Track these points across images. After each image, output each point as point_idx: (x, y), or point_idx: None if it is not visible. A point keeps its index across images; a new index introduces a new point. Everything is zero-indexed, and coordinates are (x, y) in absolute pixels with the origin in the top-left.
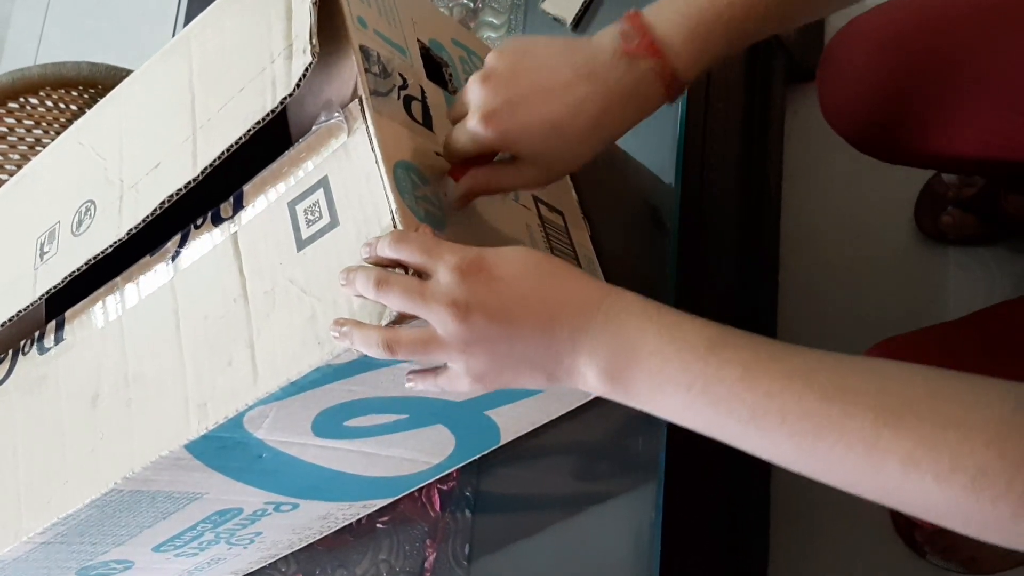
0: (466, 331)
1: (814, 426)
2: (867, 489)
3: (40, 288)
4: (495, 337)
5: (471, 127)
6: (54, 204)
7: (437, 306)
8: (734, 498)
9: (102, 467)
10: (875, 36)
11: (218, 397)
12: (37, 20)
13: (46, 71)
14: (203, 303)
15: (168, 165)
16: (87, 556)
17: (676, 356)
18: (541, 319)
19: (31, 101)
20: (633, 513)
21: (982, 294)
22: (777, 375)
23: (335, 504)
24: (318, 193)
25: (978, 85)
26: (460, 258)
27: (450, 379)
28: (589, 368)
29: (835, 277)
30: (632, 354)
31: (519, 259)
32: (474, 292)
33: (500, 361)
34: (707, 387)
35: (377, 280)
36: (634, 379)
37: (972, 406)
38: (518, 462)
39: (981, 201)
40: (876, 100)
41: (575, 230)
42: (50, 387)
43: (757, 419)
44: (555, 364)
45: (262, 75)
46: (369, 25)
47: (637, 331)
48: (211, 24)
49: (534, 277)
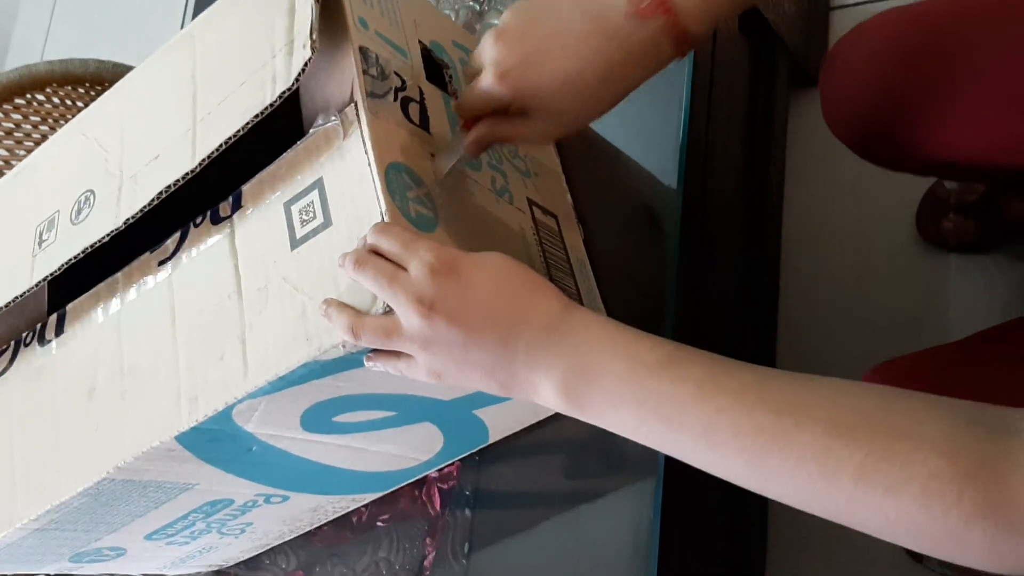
0: (427, 328)
1: (766, 440)
2: (820, 505)
3: (37, 275)
4: (453, 340)
5: (485, 83)
6: (54, 193)
7: (403, 297)
8: (733, 498)
9: (95, 457)
10: (877, 43)
11: (209, 390)
12: (44, 15)
13: (53, 67)
14: (199, 299)
15: (167, 157)
16: (80, 543)
17: (630, 373)
18: (500, 330)
19: (38, 97)
20: (632, 512)
21: (983, 301)
22: (730, 390)
23: (325, 497)
24: (313, 194)
25: (978, 91)
26: (435, 256)
27: (409, 366)
28: (544, 383)
29: (836, 282)
30: (587, 371)
31: (491, 267)
32: (441, 292)
33: (456, 363)
34: (660, 403)
35: (356, 259)
36: (589, 396)
37: (924, 420)
38: (518, 461)
39: (982, 207)
40: (877, 107)
41: (569, 233)
42: (48, 378)
43: (708, 435)
44: (509, 376)
45: (263, 70)
46: (370, 26)
47: (593, 349)
48: (215, 20)
49: (502, 288)
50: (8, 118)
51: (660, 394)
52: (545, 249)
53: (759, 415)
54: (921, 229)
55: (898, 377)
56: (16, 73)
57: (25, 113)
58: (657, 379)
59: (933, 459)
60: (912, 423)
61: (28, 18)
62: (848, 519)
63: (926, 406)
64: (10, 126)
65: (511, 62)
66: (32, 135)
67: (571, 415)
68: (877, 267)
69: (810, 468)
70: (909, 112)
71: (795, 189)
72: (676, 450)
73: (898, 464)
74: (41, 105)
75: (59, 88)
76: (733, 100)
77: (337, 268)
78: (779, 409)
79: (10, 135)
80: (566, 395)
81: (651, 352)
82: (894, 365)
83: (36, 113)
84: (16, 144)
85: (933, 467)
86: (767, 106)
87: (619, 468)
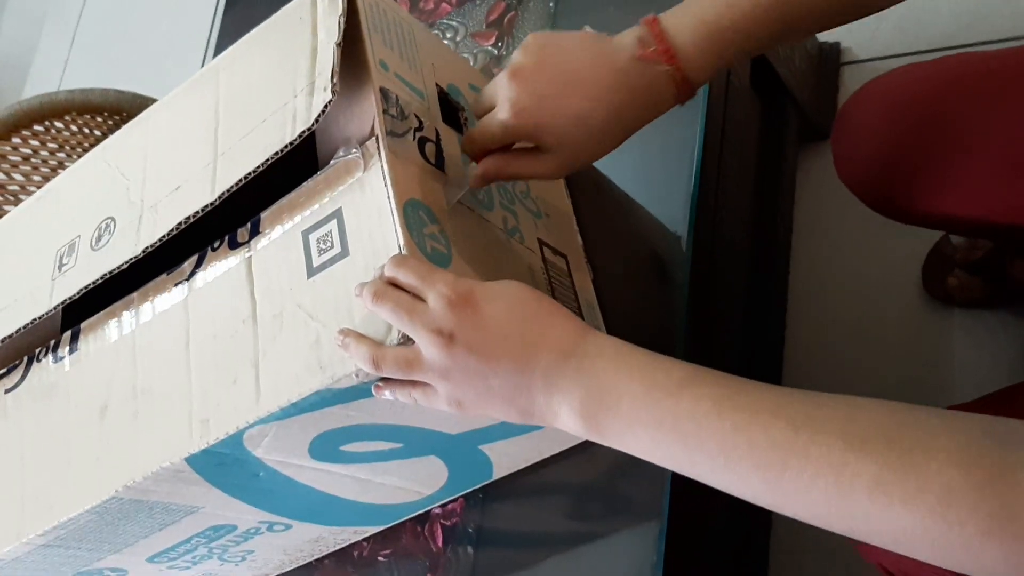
0: (447, 359)
1: (781, 455)
2: (836, 519)
3: (56, 298)
4: (473, 370)
5: (501, 118)
6: (76, 219)
7: (423, 330)
8: (736, 542)
9: (105, 475)
10: (889, 99)
11: (221, 414)
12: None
13: (73, 96)
14: (214, 323)
15: (188, 188)
16: (83, 562)
17: (646, 395)
18: (518, 359)
19: (56, 124)
20: (635, 555)
21: (986, 358)
22: (746, 409)
23: (327, 528)
24: (331, 224)
25: (985, 151)
26: (451, 289)
27: (427, 396)
28: (562, 408)
29: (842, 335)
30: (604, 396)
31: (507, 297)
32: (459, 324)
33: (476, 392)
34: (677, 424)
35: (375, 291)
36: (607, 419)
37: (939, 432)
38: (521, 499)
39: (988, 265)
40: (888, 160)
41: (578, 274)
42: (61, 395)
43: (726, 452)
44: (529, 402)
45: (284, 108)
46: (391, 68)
47: (610, 373)
48: (239, 58)
49: (517, 316)
50: (26, 144)
51: (677, 415)
52: (555, 288)
53: (775, 431)
54: (927, 285)
55: None
56: (36, 100)
57: (43, 140)
58: (674, 400)
59: (948, 470)
60: (927, 435)
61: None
62: (865, 532)
63: (940, 419)
64: (28, 152)
65: (526, 100)
66: (49, 162)
67: (590, 439)
68: (882, 321)
69: (826, 481)
70: (919, 170)
71: (802, 242)
72: (694, 470)
73: (913, 476)
74: (59, 132)
75: (78, 116)
76: (744, 153)
77: (352, 298)
78: (794, 425)
79: (27, 161)
80: (585, 419)
81: (667, 374)
82: None
83: (54, 140)
84: (33, 170)
85: (948, 478)
86: (777, 159)
87: (623, 510)
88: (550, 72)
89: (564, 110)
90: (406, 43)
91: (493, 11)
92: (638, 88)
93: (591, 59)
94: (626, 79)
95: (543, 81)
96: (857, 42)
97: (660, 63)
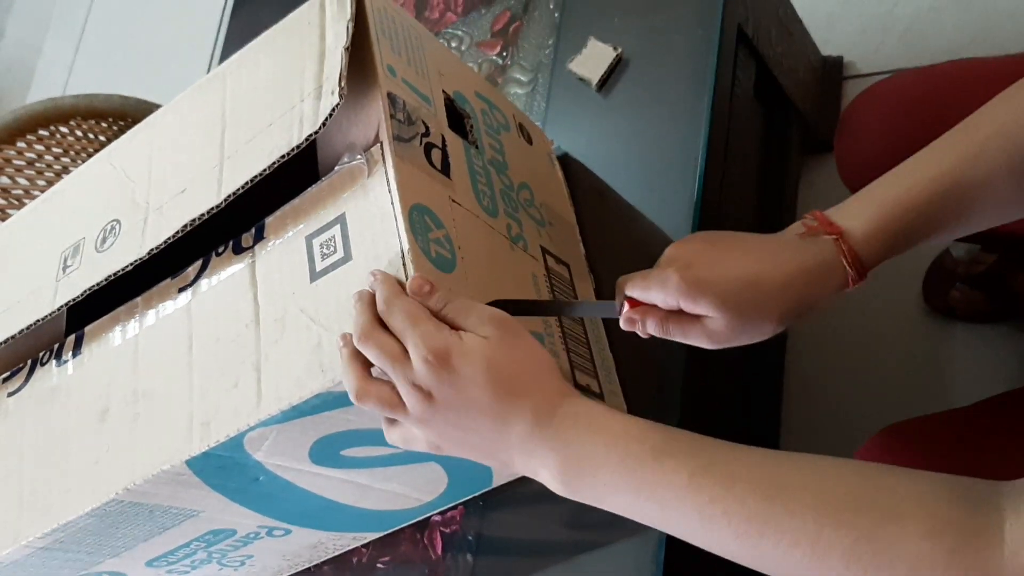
0: (426, 411)
1: (758, 526)
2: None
3: (60, 300)
4: (453, 424)
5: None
6: (80, 221)
7: (404, 383)
8: None
9: (105, 478)
10: (891, 102)
11: (222, 416)
12: (68, 51)
13: (78, 101)
14: (216, 326)
15: (193, 191)
16: (82, 566)
17: (621, 466)
18: (495, 424)
19: (61, 129)
20: (634, 564)
21: (988, 371)
22: (721, 479)
23: (326, 533)
24: (335, 229)
25: None
26: (428, 349)
27: (405, 438)
28: (541, 471)
29: (843, 348)
30: (581, 465)
31: (483, 358)
32: (437, 384)
33: (455, 443)
34: (654, 493)
35: (361, 332)
36: (583, 487)
37: (908, 498)
38: (522, 507)
39: (989, 279)
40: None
41: (580, 282)
42: (62, 399)
43: (704, 522)
44: (508, 458)
45: (291, 112)
46: (398, 74)
47: (585, 444)
48: (247, 62)
49: (493, 381)
50: (31, 148)
51: (654, 485)
52: (556, 296)
53: (751, 502)
54: (928, 298)
55: (905, 440)
56: (41, 105)
57: (48, 144)
58: (650, 471)
59: (917, 541)
60: (897, 502)
61: (52, 54)
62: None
63: (909, 483)
64: (32, 156)
65: (696, 262)
66: (53, 166)
67: (572, 498)
68: (884, 335)
69: (803, 551)
70: None
71: None
72: (672, 531)
73: (886, 546)
74: (64, 137)
75: (83, 121)
76: (746, 163)
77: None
78: (769, 495)
79: (31, 165)
80: (563, 484)
81: (640, 444)
82: (902, 428)
83: (59, 145)
84: (37, 174)
85: (918, 549)
86: (779, 170)
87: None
88: (720, 244)
89: (734, 270)
90: (414, 49)
91: (498, 21)
92: (806, 260)
93: (757, 238)
94: (794, 252)
95: (713, 249)
96: (861, 56)
97: (823, 233)
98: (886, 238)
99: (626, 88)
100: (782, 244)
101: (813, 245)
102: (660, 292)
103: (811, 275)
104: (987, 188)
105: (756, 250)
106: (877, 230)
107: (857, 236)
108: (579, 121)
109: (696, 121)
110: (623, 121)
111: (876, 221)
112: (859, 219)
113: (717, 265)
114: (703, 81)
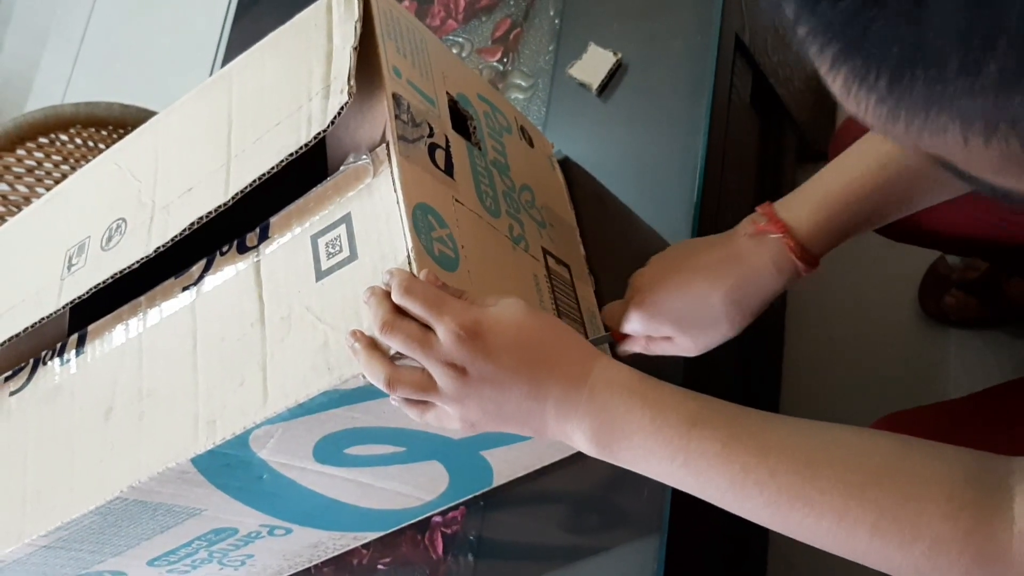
0: (461, 388)
1: (788, 499)
2: (837, 550)
3: (64, 298)
4: (487, 397)
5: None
6: (86, 220)
7: (436, 363)
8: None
9: (109, 476)
10: None
11: (227, 415)
12: (67, 62)
13: (79, 109)
14: (221, 326)
15: (200, 190)
16: (84, 564)
17: (658, 433)
18: (530, 389)
19: (61, 137)
20: (635, 564)
21: (981, 377)
22: (753, 450)
23: (327, 533)
24: (340, 228)
25: None
26: (459, 323)
27: (439, 417)
28: (576, 434)
29: (838, 354)
30: (617, 429)
31: (513, 325)
32: (470, 358)
33: (489, 416)
34: (688, 461)
35: (383, 322)
36: (619, 450)
37: (927, 481)
38: (523, 509)
39: (984, 285)
40: None
41: (580, 283)
42: (66, 397)
43: (736, 489)
44: (542, 424)
45: (299, 111)
46: (403, 75)
47: (621, 408)
48: (253, 63)
49: (525, 343)
50: (31, 156)
51: (688, 453)
52: (557, 297)
53: (781, 476)
54: (923, 304)
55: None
56: (42, 113)
57: (48, 152)
58: (684, 439)
59: (937, 523)
60: (917, 486)
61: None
62: (864, 562)
63: (929, 460)
64: (32, 164)
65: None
66: (53, 174)
67: (604, 460)
68: (879, 340)
69: (829, 523)
70: None
71: None
72: (705, 496)
73: (908, 525)
74: (64, 145)
75: (83, 129)
76: (743, 169)
77: (360, 302)
78: (799, 470)
79: (31, 173)
80: (599, 447)
81: (676, 412)
82: (899, 417)
83: (58, 153)
84: (36, 182)
85: (937, 530)
86: (775, 178)
87: (624, 520)
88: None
89: (687, 292)
90: (418, 51)
91: (499, 28)
92: (756, 263)
93: (708, 249)
94: (746, 259)
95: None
96: None
97: (771, 233)
98: (832, 228)
99: (626, 93)
100: (731, 251)
101: (761, 245)
102: (629, 325)
103: (761, 275)
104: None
105: (704, 266)
106: (824, 221)
107: (803, 231)
108: (579, 126)
109: (695, 127)
110: (622, 126)
111: (823, 212)
112: (806, 211)
113: (672, 289)
114: (702, 87)
